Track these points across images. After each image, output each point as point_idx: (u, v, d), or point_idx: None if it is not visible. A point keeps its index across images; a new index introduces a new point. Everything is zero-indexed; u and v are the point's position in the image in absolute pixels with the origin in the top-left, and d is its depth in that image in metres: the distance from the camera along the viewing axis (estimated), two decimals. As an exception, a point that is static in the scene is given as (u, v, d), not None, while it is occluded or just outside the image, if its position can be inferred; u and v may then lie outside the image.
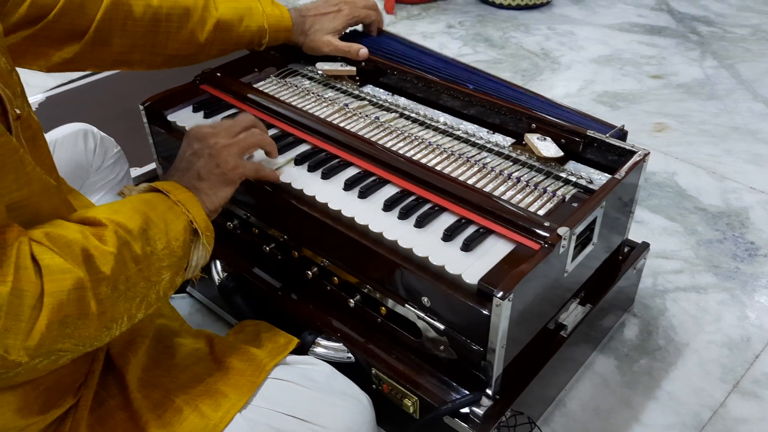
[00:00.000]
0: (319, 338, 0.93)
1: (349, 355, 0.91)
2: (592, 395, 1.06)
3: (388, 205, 0.86)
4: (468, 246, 0.80)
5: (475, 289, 0.76)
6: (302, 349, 0.92)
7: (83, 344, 0.61)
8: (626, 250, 1.08)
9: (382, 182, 0.91)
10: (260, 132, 0.89)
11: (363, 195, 0.89)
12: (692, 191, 1.53)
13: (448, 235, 0.81)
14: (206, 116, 1.07)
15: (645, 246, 1.10)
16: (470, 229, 0.83)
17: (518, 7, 2.52)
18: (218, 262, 1.06)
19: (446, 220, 0.85)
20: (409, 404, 0.86)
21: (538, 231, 0.80)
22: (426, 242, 0.81)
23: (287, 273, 1.01)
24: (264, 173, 0.90)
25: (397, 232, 0.83)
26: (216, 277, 1.05)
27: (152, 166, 1.35)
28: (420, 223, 0.84)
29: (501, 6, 2.54)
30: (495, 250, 0.80)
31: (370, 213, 0.86)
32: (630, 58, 2.15)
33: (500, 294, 0.72)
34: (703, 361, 1.12)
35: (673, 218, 1.44)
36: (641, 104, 1.90)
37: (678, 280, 1.28)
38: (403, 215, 0.85)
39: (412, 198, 0.88)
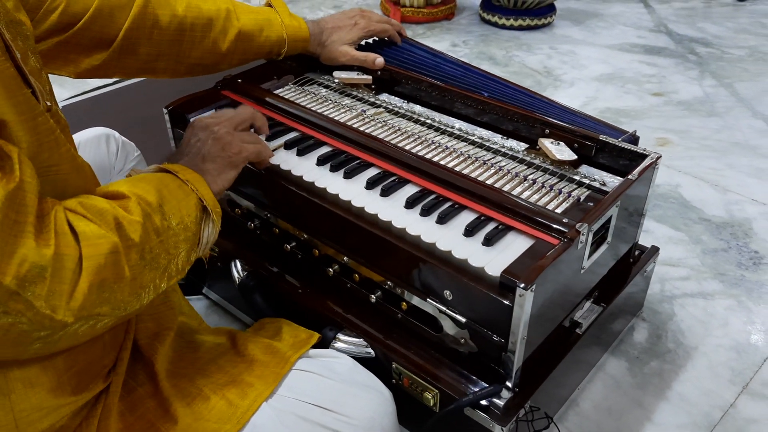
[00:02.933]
0: (339, 334, 0.94)
1: (370, 350, 0.93)
2: (604, 396, 1.08)
3: (410, 203, 0.89)
4: (489, 241, 0.82)
5: (498, 281, 0.78)
6: (323, 345, 0.93)
7: (119, 308, 0.63)
8: (637, 253, 1.10)
9: (402, 182, 0.94)
10: (257, 138, 0.93)
11: (385, 193, 0.91)
12: (696, 203, 1.56)
13: (470, 231, 0.84)
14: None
15: (655, 250, 1.13)
16: (490, 226, 0.86)
17: (520, 28, 2.58)
18: (238, 262, 1.08)
19: (467, 217, 0.87)
20: (430, 397, 0.88)
21: (557, 227, 0.83)
22: (448, 237, 0.84)
23: (308, 271, 1.03)
24: (265, 155, 0.93)
25: (420, 228, 0.85)
26: (236, 276, 1.07)
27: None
28: (442, 220, 0.86)
29: (503, 27, 2.59)
30: (515, 245, 0.83)
31: (392, 210, 0.89)
32: (631, 77, 2.20)
33: (523, 285, 0.75)
34: (712, 364, 1.14)
35: (678, 228, 1.47)
36: (643, 120, 1.94)
37: (685, 287, 1.30)
38: (425, 212, 0.88)
39: (432, 196, 0.90)
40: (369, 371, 0.86)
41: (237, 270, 1.07)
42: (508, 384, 0.84)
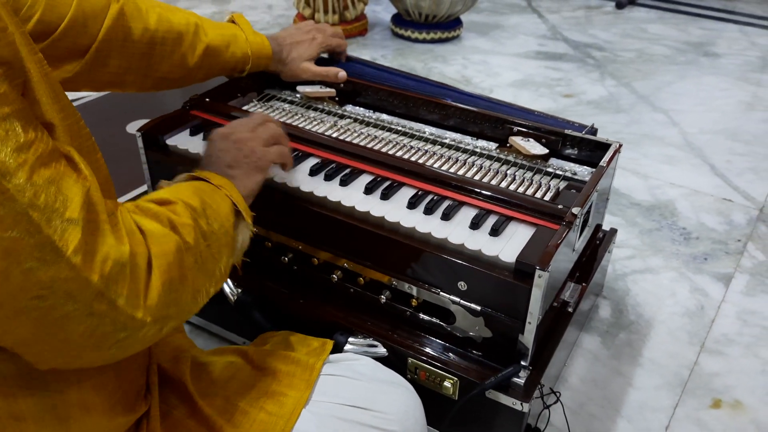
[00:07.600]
0: (351, 337, 0.96)
1: (383, 349, 0.96)
2: (587, 369, 1.17)
3: (412, 203, 0.93)
4: (496, 231, 0.88)
5: (513, 267, 0.84)
6: (336, 349, 0.95)
7: (182, 311, 0.63)
8: (601, 235, 1.21)
9: (398, 185, 0.98)
10: (275, 125, 0.93)
11: (385, 197, 0.95)
12: (624, 189, 1.71)
13: (476, 224, 0.89)
14: (204, 138, 1.09)
15: (614, 232, 1.24)
16: (492, 218, 0.91)
17: (432, 41, 2.70)
18: (229, 280, 1.07)
19: (468, 213, 0.93)
20: (449, 386, 0.92)
21: (554, 213, 0.90)
22: (457, 232, 0.89)
23: (308, 280, 1.04)
24: (288, 155, 0.93)
25: (428, 226, 0.90)
26: (230, 295, 1.06)
27: (134, 193, 1.36)
28: (446, 217, 0.91)
29: (416, 40, 2.70)
30: (519, 233, 0.89)
31: (397, 212, 0.92)
32: (542, 81, 2.37)
33: (539, 267, 0.81)
34: (671, 330, 1.26)
35: (614, 213, 1.61)
36: (562, 120, 2.09)
37: (633, 265, 1.43)
38: (429, 211, 0.92)
39: (431, 196, 0.95)
40: (390, 369, 0.88)
41: (230, 288, 1.06)
42: (524, 363, 0.90)
